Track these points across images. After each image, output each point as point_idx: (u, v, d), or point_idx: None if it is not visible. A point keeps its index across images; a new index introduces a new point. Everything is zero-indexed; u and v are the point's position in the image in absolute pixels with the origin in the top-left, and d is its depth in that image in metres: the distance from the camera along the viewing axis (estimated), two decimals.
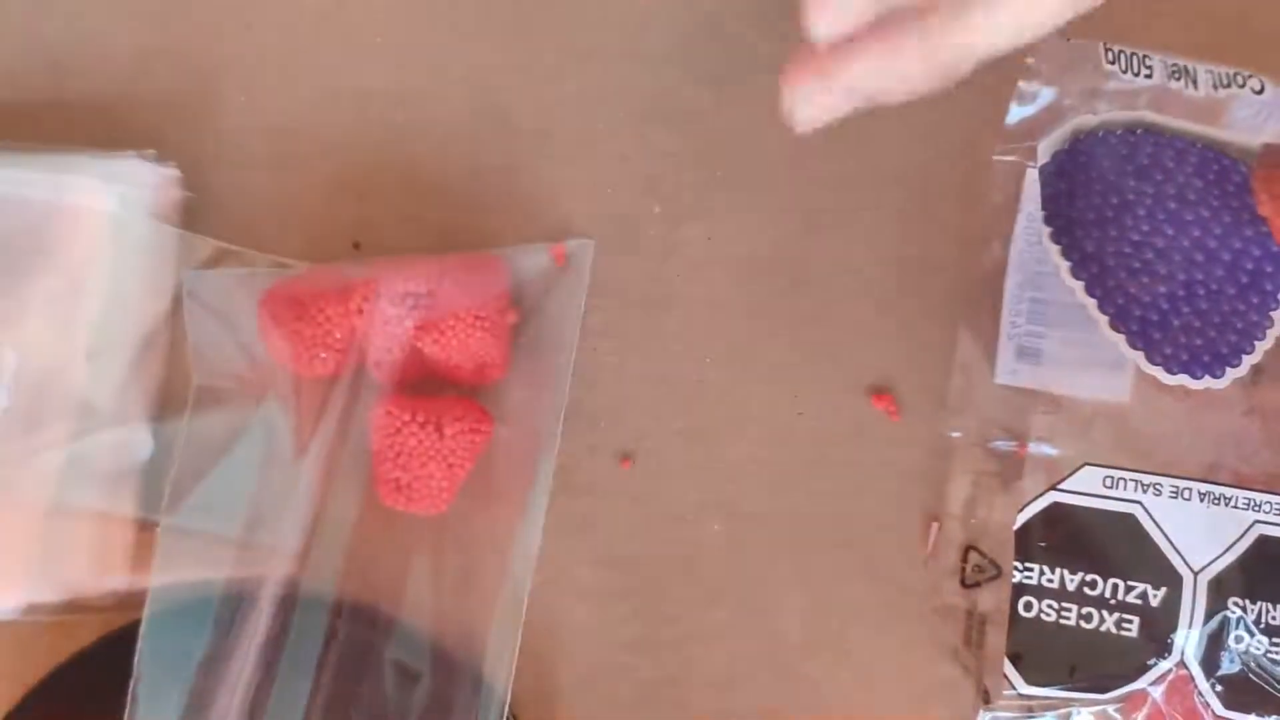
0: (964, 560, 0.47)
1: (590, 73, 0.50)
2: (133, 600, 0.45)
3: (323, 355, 0.46)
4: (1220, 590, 0.44)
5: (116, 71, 0.49)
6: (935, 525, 0.48)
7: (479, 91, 0.50)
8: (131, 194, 0.46)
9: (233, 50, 0.50)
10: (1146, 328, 0.45)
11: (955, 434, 0.47)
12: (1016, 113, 0.46)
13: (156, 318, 0.47)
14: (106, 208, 0.46)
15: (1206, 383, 0.45)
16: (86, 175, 0.46)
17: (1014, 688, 0.44)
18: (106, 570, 0.44)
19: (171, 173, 0.47)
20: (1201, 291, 0.45)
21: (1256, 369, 0.45)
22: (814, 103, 0.38)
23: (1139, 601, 0.44)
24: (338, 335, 0.45)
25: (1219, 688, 0.44)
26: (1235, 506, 0.45)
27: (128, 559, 0.45)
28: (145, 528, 0.45)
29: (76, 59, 0.49)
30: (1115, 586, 0.44)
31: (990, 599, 0.45)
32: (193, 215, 0.48)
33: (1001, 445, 0.47)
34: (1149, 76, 0.46)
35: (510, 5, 0.50)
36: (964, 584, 0.46)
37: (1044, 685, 0.44)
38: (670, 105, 0.50)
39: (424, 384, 0.47)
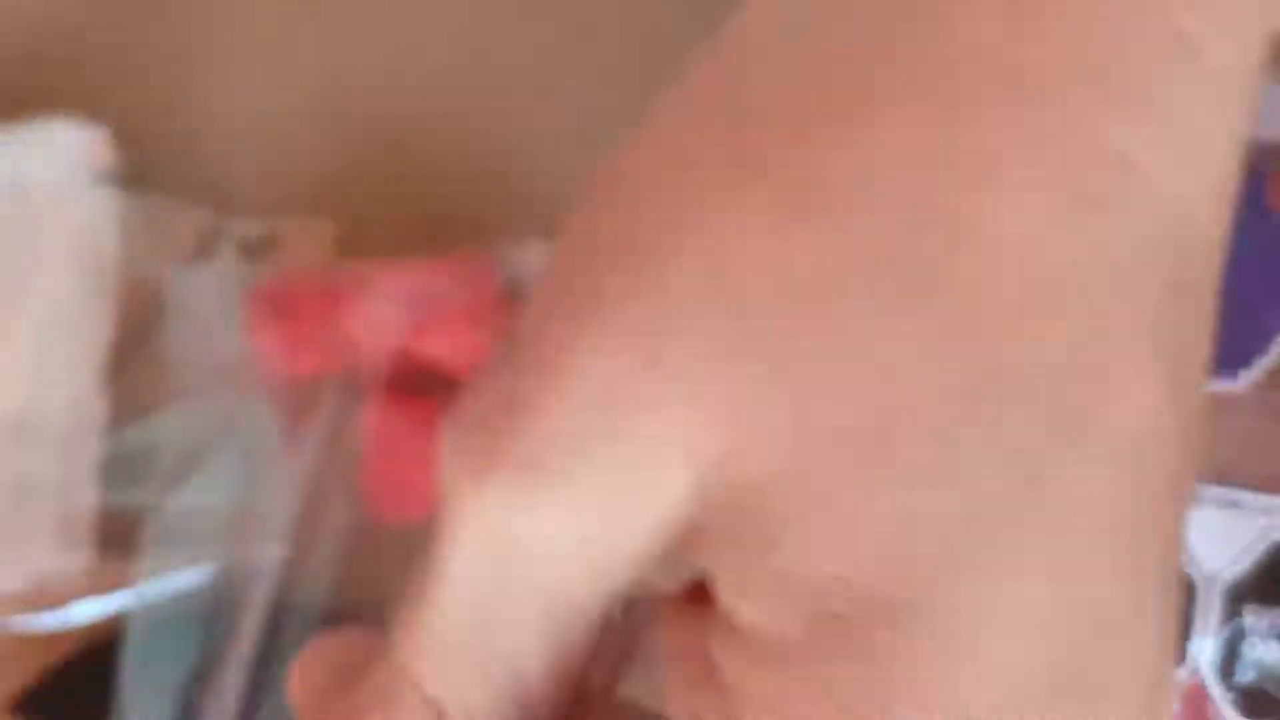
0: None
1: (588, 68, 0.49)
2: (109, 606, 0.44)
3: (312, 354, 0.45)
4: (1235, 598, 0.43)
5: (98, 60, 0.49)
6: None
7: (474, 88, 0.50)
8: (61, 158, 0.45)
9: (219, 40, 0.49)
10: None
11: None
12: None
13: (123, 300, 0.46)
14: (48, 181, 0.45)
15: (1220, 386, 0.44)
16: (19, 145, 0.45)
17: None
18: (70, 554, 0.44)
19: (99, 134, 0.46)
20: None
21: (1272, 372, 0.45)
22: None
23: None
24: (328, 334, 0.45)
25: (1235, 697, 0.43)
26: (1251, 512, 0.44)
27: (90, 543, 0.44)
28: (124, 527, 0.44)
29: (56, 46, 0.49)
30: None
31: None
32: (179, 209, 0.47)
33: None
34: None
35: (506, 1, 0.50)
36: None
37: None
38: None
39: (416, 383, 0.46)
